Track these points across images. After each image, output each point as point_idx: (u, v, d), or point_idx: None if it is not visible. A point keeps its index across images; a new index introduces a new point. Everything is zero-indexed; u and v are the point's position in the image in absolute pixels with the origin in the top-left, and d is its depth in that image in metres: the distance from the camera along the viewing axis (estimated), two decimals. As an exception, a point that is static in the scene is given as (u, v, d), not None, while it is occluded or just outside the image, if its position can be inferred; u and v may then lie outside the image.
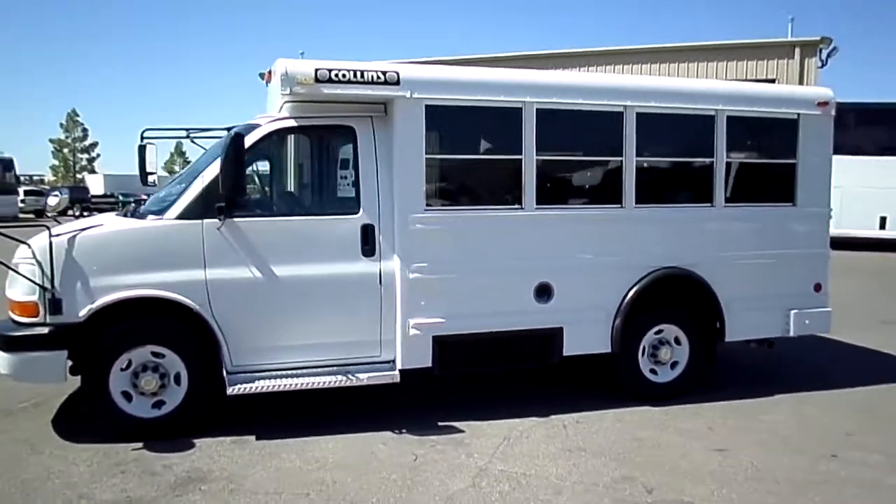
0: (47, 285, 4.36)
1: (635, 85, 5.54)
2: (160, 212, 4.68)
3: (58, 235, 4.41)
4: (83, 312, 4.41)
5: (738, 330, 5.76)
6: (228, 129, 6.23)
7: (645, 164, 5.47)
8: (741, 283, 5.70)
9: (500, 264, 5.15)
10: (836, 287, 6.29)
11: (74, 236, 4.46)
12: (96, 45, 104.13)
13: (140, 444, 4.50)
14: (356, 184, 4.91)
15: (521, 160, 5.14)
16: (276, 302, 4.74)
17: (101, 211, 28.44)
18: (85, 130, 64.88)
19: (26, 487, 3.94)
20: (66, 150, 64.34)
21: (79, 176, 60.22)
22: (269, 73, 5.37)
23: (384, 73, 4.80)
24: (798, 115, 5.81)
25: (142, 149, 6.26)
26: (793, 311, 5.88)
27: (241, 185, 4.48)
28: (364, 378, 4.87)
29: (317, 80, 4.65)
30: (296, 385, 4.73)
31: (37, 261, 4.38)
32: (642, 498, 3.94)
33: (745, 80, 23.25)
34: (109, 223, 4.70)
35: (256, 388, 4.65)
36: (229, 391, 4.58)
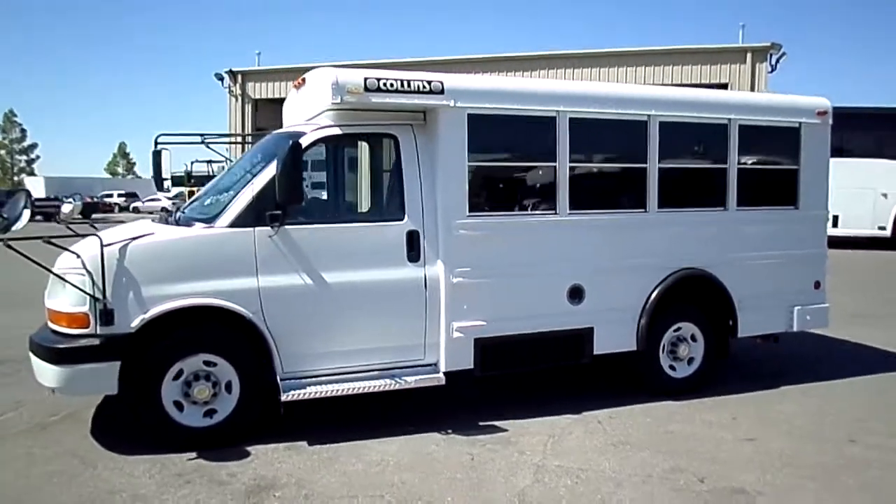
0: (98, 295, 4.30)
1: (658, 95, 5.81)
2: (210, 220, 4.67)
3: (109, 244, 4.35)
4: (136, 323, 4.37)
5: (749, 326, 6.11)
6: (244, 137, 6.21)
7: (666, 170, 5.73)
8: (751, 282, 6.04)
9: (537, 268, 5.33)
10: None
11: (126, 245, 4.41)
12: (35, 45, 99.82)
13: (194, 454, 4.49)
14: (400, 191, 5.00)
15: (555, 167, 5.34)
16: (326, 308, 4.79)
17: (44, 215, 27.37)
18: (23, 131, 62.18)
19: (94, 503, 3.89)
20: (2, 152, 61.43)
21: (17, 178, 57.67)
22: (303, 80, 5.42)
23: (429, 82, 4.91)
24: (800, 123, 6.20)
25: (157, 154, 6.21)
26: (796, 308, 6.28)
27: (299, 193, 4.51)
28: (411, 381, 4.97)
29: (366, 88, 4.73)
30: (347, 390, 4.79)
31: (87, 270, 4.31)
32: (697, 486, 4.18)
33: (700, 84, 24.24)
34: (160, 231, 4.65)
35: (309, 393, 4.69)
36: (284, 397, 4.61)
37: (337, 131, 4.93)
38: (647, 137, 5.62)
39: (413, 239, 4.98)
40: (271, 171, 4.70)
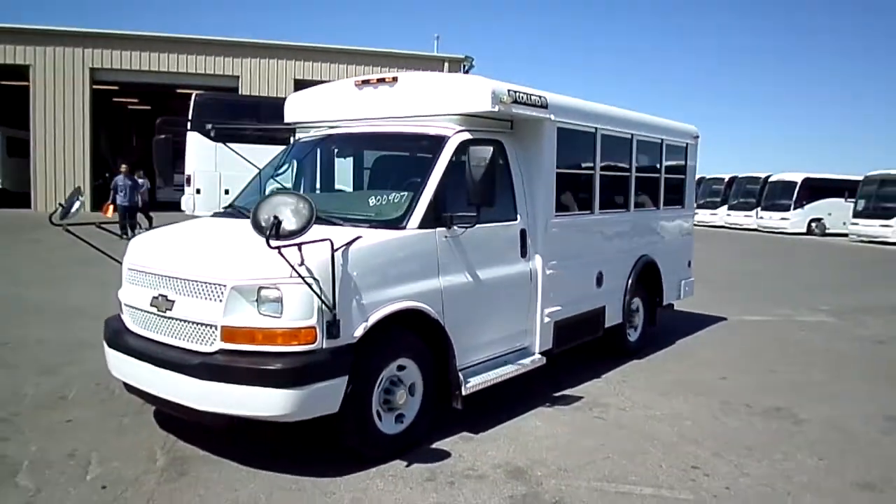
0: (329, 305, 3.93)
1: (637, 118, 7.28)
2: (394, 221, 4.55)
3: (336, 249, 3.98)
4: (359, 332, 4.11)
5: (666, 298, 8.08)
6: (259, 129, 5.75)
7: (637, 178, 7.28)
8: (668, 264, 8.00)
9: (585, 258, 6.37)
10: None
11: (346, 250, 4.07)
12: None
13: (405, 463, 4.38)
14: (511, 192, 5.49)
15: (592, 174, 6.43)
16: (479, 303, 5.07)
17: None
18: None
19: (391, 520, 3.70)
20: None
21: None
22: (393, 78, 5.45)
23: (541, 96, 5.53)
24: (686, 143, 8.40)
25: (165, 142, 5.47)
26: (682, 281, 8.50)
27: (493, 195, 4.69)
28: (527, 363, 5.55)
29: (511, 100, 5.13)
30: (499, 377, 5.15)
31: (314, 278, 3.89)
32: (755, 411, 5.76)
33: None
34: (367, 234, 4.31)
35: (478, 384, 4.93)
36: (465, 390, 4.78)
37: (468, 136, 5.17)
38: (631, 151, 7.09)
39: (524, 236, 5.54)
40: (438, 172, 4.81)
